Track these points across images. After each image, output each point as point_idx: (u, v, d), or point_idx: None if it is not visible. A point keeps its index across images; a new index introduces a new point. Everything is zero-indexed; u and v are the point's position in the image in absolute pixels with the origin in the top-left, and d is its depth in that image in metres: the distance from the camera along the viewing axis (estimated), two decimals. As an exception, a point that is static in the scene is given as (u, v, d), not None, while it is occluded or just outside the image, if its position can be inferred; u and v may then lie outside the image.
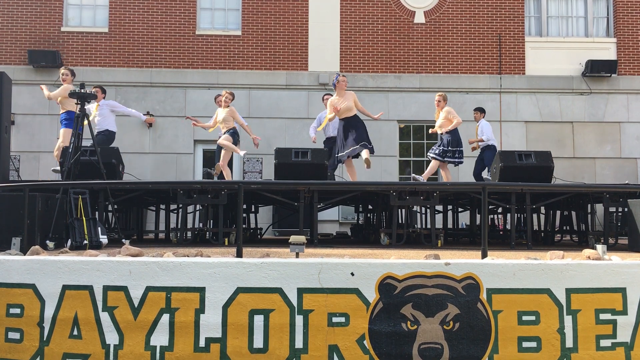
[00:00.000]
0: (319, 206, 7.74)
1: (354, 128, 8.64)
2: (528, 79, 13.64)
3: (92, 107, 9.63)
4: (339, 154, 8.79)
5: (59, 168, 8.71)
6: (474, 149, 10.85)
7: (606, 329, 4.20)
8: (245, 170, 13.25)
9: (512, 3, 13.80)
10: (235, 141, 9.27)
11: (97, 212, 7.04)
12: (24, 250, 5.31)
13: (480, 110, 11.04)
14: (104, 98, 9.98)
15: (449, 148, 9.44)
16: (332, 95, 9.00)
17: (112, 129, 9.91)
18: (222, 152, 9.35)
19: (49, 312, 4.28)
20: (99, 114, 9.73)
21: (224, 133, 9.31)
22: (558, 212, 9.14)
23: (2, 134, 7.02)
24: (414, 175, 11.09)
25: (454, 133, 9.49)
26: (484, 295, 4.15)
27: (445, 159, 9.45)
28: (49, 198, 6.36)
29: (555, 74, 13.64)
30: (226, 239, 7.40)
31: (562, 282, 4.21)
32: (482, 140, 10.56)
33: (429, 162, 13.67)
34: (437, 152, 9.53)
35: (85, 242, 6.19)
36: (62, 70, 9.23)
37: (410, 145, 13.73)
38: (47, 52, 13.11)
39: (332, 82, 8.92)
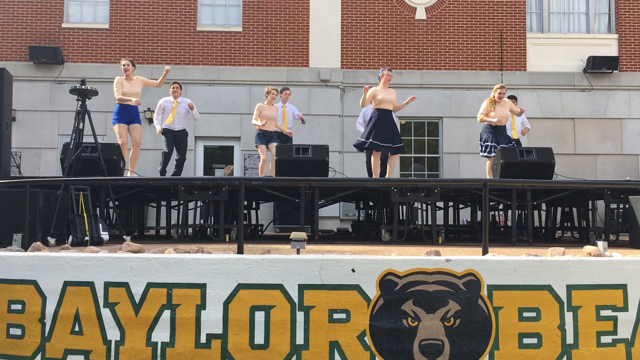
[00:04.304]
0: (319, 202, 7.74)
1: (392, 124, 8.97)
2: (529, 75, 13.62)
3: (170, 106, 9.66)
4: (380, 142, 8.77)
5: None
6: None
7: (607, 326, 4.21)
8: (246, 166, 13.26)
9: (513, -1, 13.78)
10: None
11: (98, 209, 7.04)
12: (25, 247, 5.32)
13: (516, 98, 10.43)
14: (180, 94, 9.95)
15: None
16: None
17: (186, 129, 10.01)
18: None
19: (50, 308, 4.28)
20: (177, 112, 9.71)
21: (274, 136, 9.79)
22: (559, 209, 9.14)
23: (3, 130, 7.02)
24: None
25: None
26: (484, 292, 4.15)
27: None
28: (50, 194, 6.36)
29: (557, 70, 13.61)
30: (227, 236, 7.40)
31: (563, 279, 4.20)
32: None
33: (431, 158, 13.72)
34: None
35: (87, 238, 6.20)
36: (123, 62, 9.08)
37: (411, 141, 13.72)
38: (48, 48, 13.10)
39: (378, 74, 9.12)
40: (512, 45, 13.71)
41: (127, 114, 8.96)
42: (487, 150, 8.98)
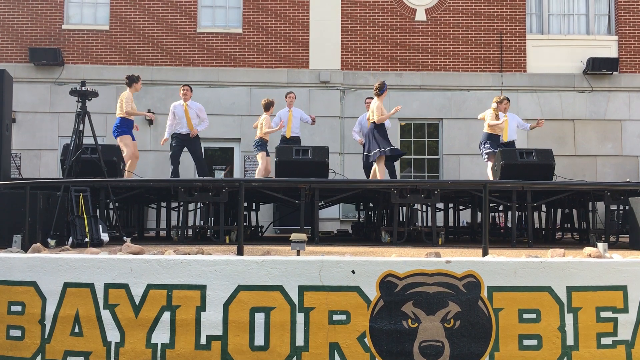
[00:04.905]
0: (320, 204, 7.74)
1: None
2: (529, 77, 13.62)
3: (181, 109, 9.71)
4: (384, 151, 8.99)
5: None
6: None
7: (607, 327, 4.20)
8: (246, 167, 13.26)
9: (513, 0, 13.78)
10: None
11: (98, 210, 7.04)
12: (25, 248, 5.32)
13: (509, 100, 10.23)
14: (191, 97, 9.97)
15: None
16: (372, 99, 9.42)
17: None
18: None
19: (50, 310, 4.28)
20: (190, 116, 9.72)
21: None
22: (559, 210, 9.14)
23: (3, 131, 7.03)
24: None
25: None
26: (484, 293, 4.15)
27: None
28: (50, 196, 6.36)
29: (557, 71, 13.62)
30: (227, 237, 7.40)
31: (563, 280, 4.20)
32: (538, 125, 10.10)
33: (431, 160, 13.73)
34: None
35: (87, 239, 6.20)
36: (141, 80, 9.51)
37: (411, 143, 13.72)
38: (48, 49, 13.10)
39: (382, 89, 9.10)
40: (512, 46, 13.71)
41: (131, 127, 9.24)
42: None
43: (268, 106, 10.07)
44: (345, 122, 13.38)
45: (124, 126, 9.12)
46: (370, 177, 9.37)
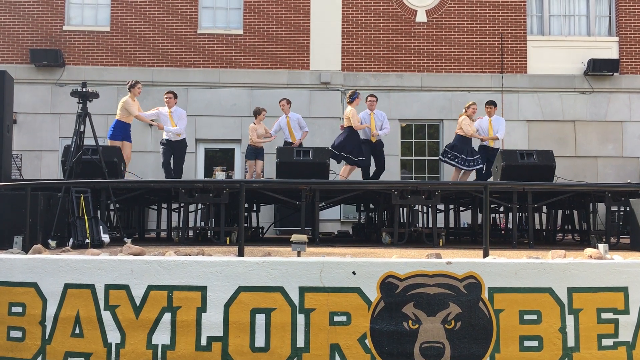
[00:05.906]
0: (320, 205, 7.74)
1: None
2: (530, 78, 13.62)
3: (165, 116, 9.79)
4: (362, 159, 9.54)
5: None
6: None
7: (608, 328, 4.20)
8: (246, 169, 13.25)
9: (514, 2, 13.78)
10: None
11: (99, 211, 7.05)
12: (25, 249, 5.32)
13: (495, 104, 10.56)
14: (175, 104, 10.03)
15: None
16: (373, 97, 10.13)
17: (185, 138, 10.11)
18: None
19: (51, 311, 4.28)
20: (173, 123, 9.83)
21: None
22: (560, 211, 9.14)
23: (4, 132, 7.03)
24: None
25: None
26: (485, 295, 4.15)
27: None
28: (51, 197, 6.37)
29: (557, 72, 13.62)
30: (228, 238, 7.40)
31: (564, 281, 4.20)
32: (496, 139, 10.25)
33: (431, 161, 13.72)
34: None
35: (87, 240, 6.20)
36: (139, 84, 9.62)
37: (412, 144, 13.72)
38: (49, 51, 13.12)
39: (353, 97, 9.68)
40: (513, 47, 13.72)
41: (125, 131, 9.39)
42: (456, 159, 9.67)
43: (255, 114, 10.35)
44: (346, 123, 13.37)
45: (117, 129, 9.34)
46: (341, 174, 9.83)
